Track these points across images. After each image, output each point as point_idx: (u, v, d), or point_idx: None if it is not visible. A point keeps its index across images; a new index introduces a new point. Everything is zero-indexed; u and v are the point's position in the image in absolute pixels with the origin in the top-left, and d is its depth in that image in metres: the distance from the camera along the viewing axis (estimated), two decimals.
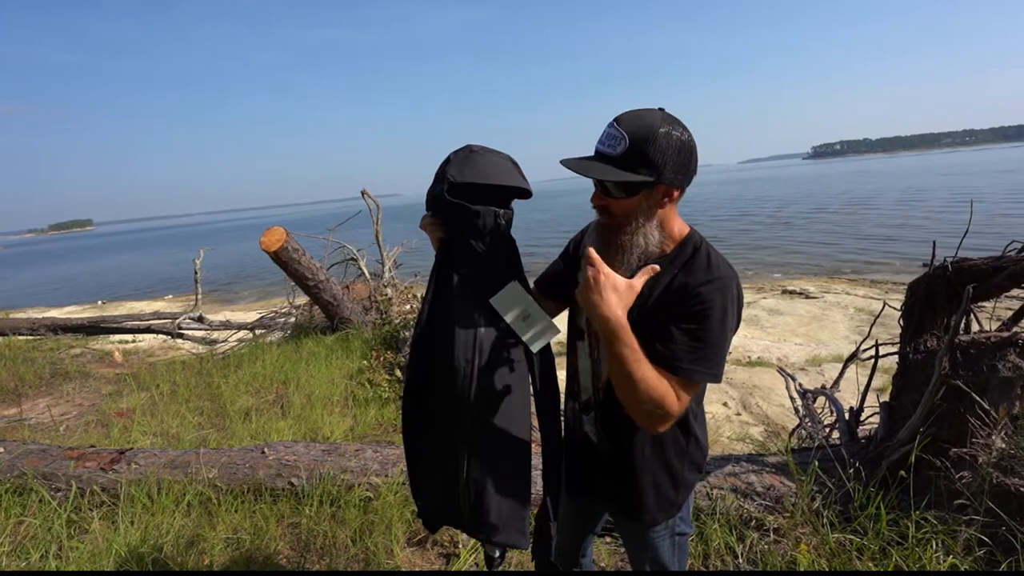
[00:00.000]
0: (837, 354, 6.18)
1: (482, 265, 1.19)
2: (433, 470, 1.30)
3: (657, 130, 1.07)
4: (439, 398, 1.25)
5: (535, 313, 1.17)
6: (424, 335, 1.26)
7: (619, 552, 2.38)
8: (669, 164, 1.08)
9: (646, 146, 1.07)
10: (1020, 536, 1.79)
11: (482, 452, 1.20)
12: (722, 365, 1.14)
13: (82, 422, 4.40)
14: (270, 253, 5.61)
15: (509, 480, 1.22)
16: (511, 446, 1.22)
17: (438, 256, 1.24)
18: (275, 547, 2.45)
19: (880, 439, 2.38)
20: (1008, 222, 16.36)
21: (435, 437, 1.27)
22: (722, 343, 1.12)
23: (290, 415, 4.10)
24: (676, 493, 1.31)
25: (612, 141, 1.09)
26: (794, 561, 2.07)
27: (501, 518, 1.20)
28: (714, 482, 2.41)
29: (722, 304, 1.11)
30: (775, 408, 4.68)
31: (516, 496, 1.23)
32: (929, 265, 2.34)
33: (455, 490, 1.22)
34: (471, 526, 1.24)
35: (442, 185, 1.14)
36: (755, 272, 13.42)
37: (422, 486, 1.35)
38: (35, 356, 6.68)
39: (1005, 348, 2.04)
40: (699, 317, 1.10)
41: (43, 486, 2.76)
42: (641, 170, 1.08)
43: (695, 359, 1.09)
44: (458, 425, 1.21)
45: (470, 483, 1.20)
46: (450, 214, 1.16)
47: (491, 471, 1.20)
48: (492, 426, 1.21)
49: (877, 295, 9.43)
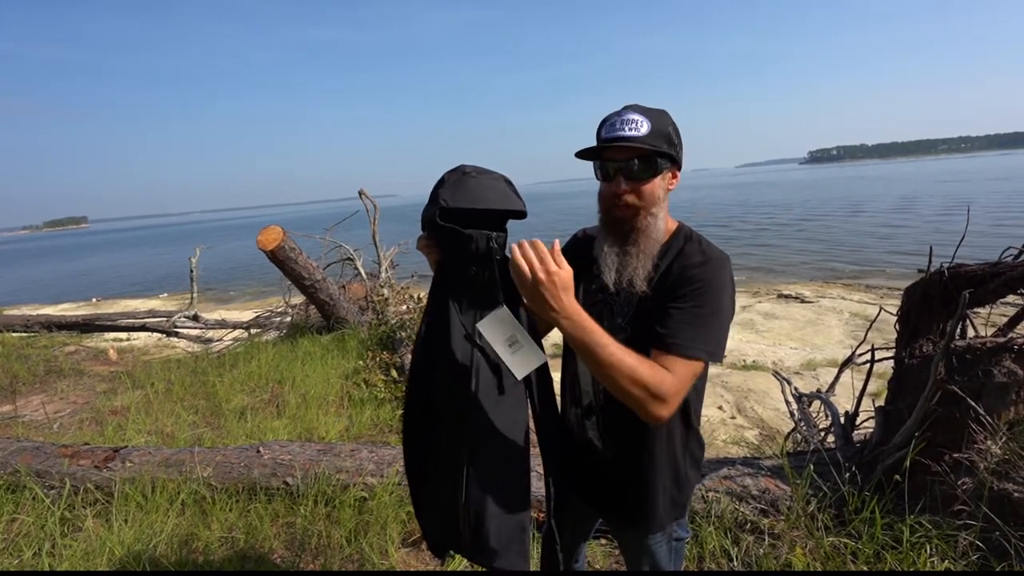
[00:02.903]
0: (832, 358, 6.20)
1: (475, 288, 1.18)
2: (434, 495, 1.28)
3: (666, 114, 1.19)
4: (436, 420, 1.24)
5: (522, 339, 1.15)
6: (422, 356, 1.25)
7: (614, 554, 2.38)
8: (679, 144, 1.19)
9: (664, 127, 1.16)
10: (1014, 541, 1.80)
11: (480, 475, 1.18)
12: (721, 344, 1.13)
13: (76, 420, 4.37)
14: (267, 252, 5.59)
15: (508, 503, 1.20)
16: (509, 469, 1.21)
17: (434, 277, 1.23)
18: (269, 547, 2.45)
19: (875, 443, 2.39)
20: (1004, 230, 16.46)
21: (434, 461, 1.26)
22: (720, 320, 1.13)
23: (285, 415, 4.09)
24: (680, 493, 1.31)
25: (634, 124, 1.14)
26: (789, 564, 2.07)
27: (501, 542, 1.18)
28: (709, 485, 2.41)
29: (719, 282, 1.14)
30: (770, 412, 4.70)
31: (515, 518, 1.21)
32: (925, 270, 2.35)
33: (455, 514, 1.20)
34: (472, 551, 1.22)
35: (435, 208, 1.12)
36: (751, 276, 13.45)
37: (425, 513, 1.33)
38: (29, 353, 6.64)
39: (1000, 354, 2.05)
40: (696, 295, 1.12)
41: (36, 483, 2.74)
42: (666, 146, 1.15)
43: (692, 336, 1.10)
44: (456, 448, 1.19)
45: (469, 506, 1.18)
46: (444, 237, 1.15)
47: (490, 494, 1.19)
48: (490, 449, 1.19)
49: (873, 300, 9.46)
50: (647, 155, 1.13)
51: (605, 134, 1.16)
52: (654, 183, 1.16)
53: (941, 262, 2.30)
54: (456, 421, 1.19)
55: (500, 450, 1.19)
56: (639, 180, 1.15)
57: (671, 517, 1.32)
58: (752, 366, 6.21)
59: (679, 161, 1.20)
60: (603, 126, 1.17)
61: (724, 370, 5.96)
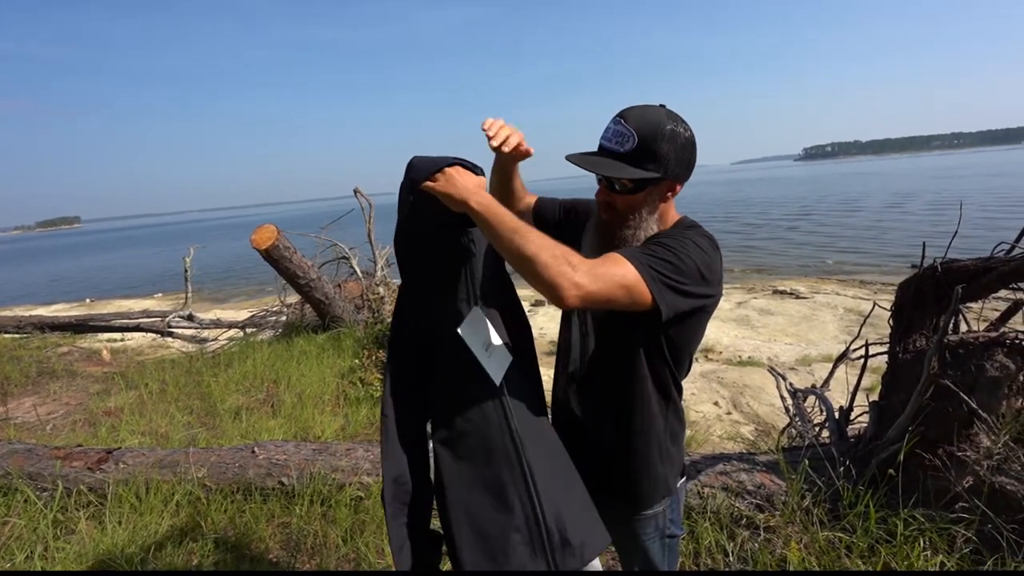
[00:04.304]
0: (827, 354, 6.22)
1: (447, 283, 1.18)
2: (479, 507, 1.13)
3: (664, 127, 1.10)
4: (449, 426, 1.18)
5: (493, 340, 1.15)
6: (407, 359, 1.24)
7: (609, 551, 2.38)
8: (674, 160, 1.12)
9: (654, 143, 1.10)
10: (1006, 533, 1.82)
11: (539, 469, 1.12)
12: (677, 292, 1.06)
13: (69, 421, 4.35)
14: (261, 251, 5.57)
15: (572, 486, 1.16)
16: (556, 450, 1.19)
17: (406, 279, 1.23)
18: (265, 547, 2.44)
19: (869, 438, 2.40)
20: (996, 222, 16.56)
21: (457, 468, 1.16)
22: (678, 258, 1.08)
23: (281, 414, 4.07)
24: (662, 465, 1.28)
25: (619, 138, 1.11)
26: (784, 559, 2.08)
27: (580, 532, 1.11)
28: (705, 481, 2.42)
29: (689, 238, 1.13)
30: (765, 407, 4.71)
31: (583, 499, 1.17)
32: (918, 266, 2.36)
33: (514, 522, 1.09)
34: (558, 556, 1.09)
35: (408, 198, 1.13)
36: (746, 272, 13.49)
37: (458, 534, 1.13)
38: (21, 355, 6.59)
39: (993, 348, 2.06)
40: (671, 245, 1.10)
41: (29, 486, 2.73)
42: (649, 166, 1.11)
43: (640, 252, 1.08)
44: (500, 447, 1.12)
45: (544, 505, 1.09)
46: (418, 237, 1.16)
47: (555, 484, 1.13)
48: (536, 437, 1.15)
49: (867, 295, 9.49)
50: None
51: (600, 140, 1.16)
52: (633, 198, 1.15)
53: (934, 258, 2.30)
54: (496, 419, 1.13)
55: (543, 435, 1.17)
56: (618, 194, 1.16)
57: (657, 494, 1.30)
58: (747, 362, 6.23)
59: (671, 175, 1.13)
60: (605, 128, 1.16)
61: (720, 366, 5.98)
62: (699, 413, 4.56)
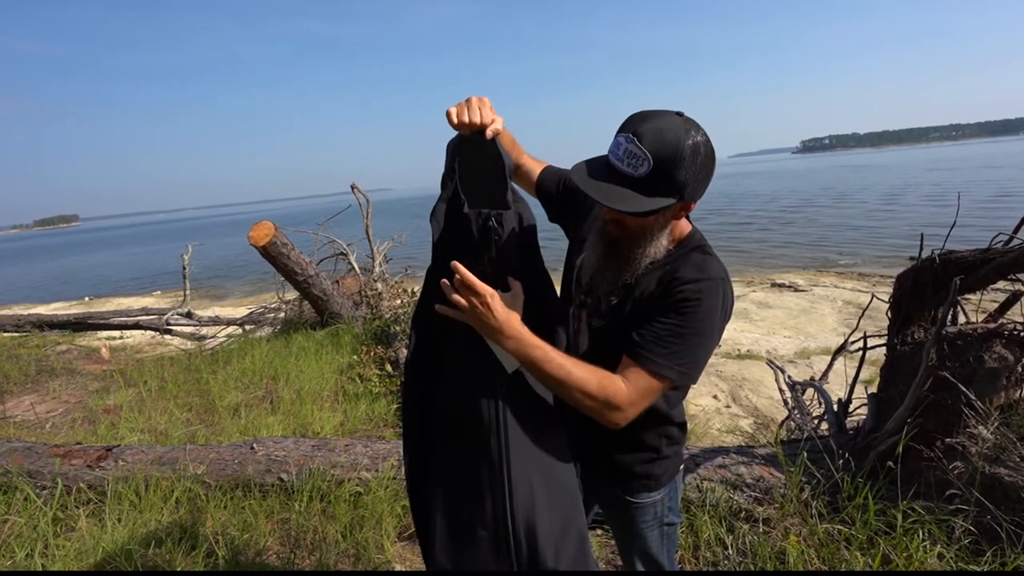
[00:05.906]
0: (825, 346, 6.23)
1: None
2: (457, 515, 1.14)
3: (684, 149, 0.99)
4: (452, 429, 1.16)
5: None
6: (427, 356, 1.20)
7: (609, 544, 2.38)
8: (692, 183, 1.03)
9: (673, 168, 1.00)
10: (1005, 524, 1.82)
11: (525, 484, 1.08)
12: (696, 366, 1.10)
13: (68, 419, 4.34)
14: (258, 248, 5.55)
15: (563, 511, 1.12)
16: (554, 469, 1.13)
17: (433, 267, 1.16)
18: (265, 543, 2.44)
19: (868, 430, 2.40)
20: (994, 213, 16.55)
21: (453, 476, 1.15)
22: (700, 343, 1.09)
23: (280, 410, 4.07)
24: (660, 454, 1.29)
25: (632, 160, 1.00)
26: (783, 552, 2.08)
27: (561, 562, 1.07)
28: (704, 474, 2.42)
29: (709, 303, 1.09)
30: (764, 400, 4.72)
31: (575, 527, 1.12)
32: (917, 258, 2.36)
33: (495, 536, 1.08)
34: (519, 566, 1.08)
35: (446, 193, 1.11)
36: (745, 265, 13.50)
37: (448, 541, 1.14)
38: (20, 353, 6.57)
39: (991, 339, 2.06)
40: (680, 311, 1.08)
41: (28, 484, 2.72)
42: (665, 191, 1.02)
43: (665, 352, 1.07)
44: (486, 455, 1.10)
45: (517, 524, 1.06)
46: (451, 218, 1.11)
47: (540, 504, 1.08)
48: (531, 450, 1.11)
49: (865, 288, 9.51)
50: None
51: (609, 155, 1.05)
52: (645, 221, 1.09)
53: (932, 249, 2.30)
54: (487, 424, 1.09)
55: (538, 441, 1.12)
56: (629, 214, 1.07)
57: (655, 483, 1.31)
58: (746, 355, 6.24)
59: (687, 198, 1.05)
60: (614, 140, 1.04)
61: (719, 359, 5.98)
62: (698, 406, 4.56)
